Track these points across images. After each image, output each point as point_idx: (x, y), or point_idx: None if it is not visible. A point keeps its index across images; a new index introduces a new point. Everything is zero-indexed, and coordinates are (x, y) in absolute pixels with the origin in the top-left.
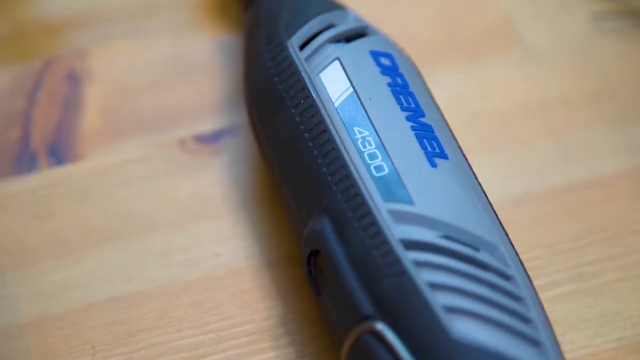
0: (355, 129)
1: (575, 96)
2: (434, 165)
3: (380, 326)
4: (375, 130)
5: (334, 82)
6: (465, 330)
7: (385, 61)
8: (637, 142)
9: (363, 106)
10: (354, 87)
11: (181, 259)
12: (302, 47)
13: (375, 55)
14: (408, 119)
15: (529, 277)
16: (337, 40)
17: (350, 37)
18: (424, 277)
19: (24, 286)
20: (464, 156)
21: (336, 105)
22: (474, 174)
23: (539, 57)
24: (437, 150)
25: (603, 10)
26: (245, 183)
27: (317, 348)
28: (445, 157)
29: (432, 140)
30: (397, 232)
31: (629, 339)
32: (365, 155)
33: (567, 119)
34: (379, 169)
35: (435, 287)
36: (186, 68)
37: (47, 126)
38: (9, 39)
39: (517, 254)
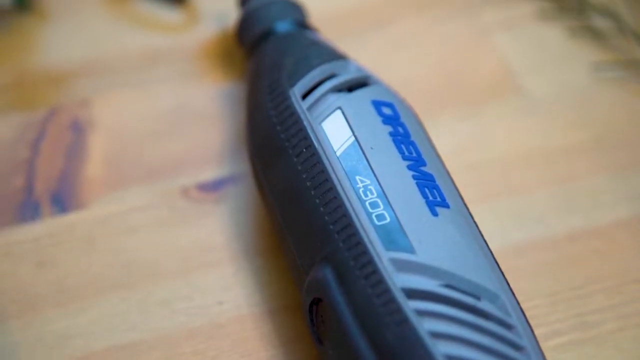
0: (357, 177)
1: (576, 145)
2: (435, 214)
3: None
4: (377, 179)
5: (335, 131)
6: None
7: (386, 110)
8: (638, 191)
9: (364, 155)
10: (355, 136)
11: (183, 307)
12: (304, 96)
13: (377, 105)
14: (409, 167)
15: (530, 326)
16: (338, 89)
17: (351, 87)
18: (425, 326)
19: (26, 334)
20: (465, 205)
21: (338, 154)
22: (475, 222)
23: (540, 106)
24: (438, 199)
25: (603, 60)
26: (247, 231)
27: None
28: (446, 206)
29: (433, 188)
30: (398, 280)
31: None
32: (367, 203)
33: (567, 168)
34: (380, 217)
35: (437, 336)
36: (188, 117)
37: (51, 174)
38: (12, 87)
39: (518, 303)
